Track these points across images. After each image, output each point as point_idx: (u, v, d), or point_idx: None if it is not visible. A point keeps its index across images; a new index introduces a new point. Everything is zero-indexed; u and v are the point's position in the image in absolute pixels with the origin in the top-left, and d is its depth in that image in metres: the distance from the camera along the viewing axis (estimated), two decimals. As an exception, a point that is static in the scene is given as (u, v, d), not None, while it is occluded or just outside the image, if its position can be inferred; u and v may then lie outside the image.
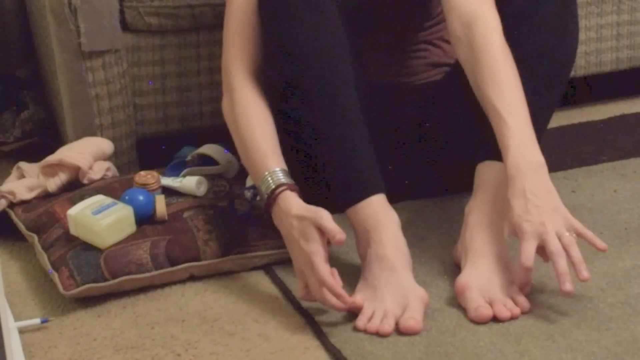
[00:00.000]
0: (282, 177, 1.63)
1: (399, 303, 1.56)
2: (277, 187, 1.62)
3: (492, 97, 1.62)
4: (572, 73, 2.39)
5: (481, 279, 1.59)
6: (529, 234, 1.54)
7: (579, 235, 1.56)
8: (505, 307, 1.56)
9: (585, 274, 1.53)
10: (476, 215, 1.66)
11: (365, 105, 1.73)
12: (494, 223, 1.65)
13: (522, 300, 1.58)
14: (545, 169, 1.58)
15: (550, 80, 1.75)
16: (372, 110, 1.81)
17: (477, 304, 1.56)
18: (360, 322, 1.55)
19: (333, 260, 1.76)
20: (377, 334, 1.53)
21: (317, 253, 1.55)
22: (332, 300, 1.54)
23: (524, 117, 1.61)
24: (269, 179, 1.63)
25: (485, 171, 1.70)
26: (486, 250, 1.62)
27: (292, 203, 1.60)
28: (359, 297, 1.58)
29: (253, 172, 1.68)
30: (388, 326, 1.53)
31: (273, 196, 1.62)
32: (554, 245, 1.52)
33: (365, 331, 1.54)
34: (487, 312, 1.55)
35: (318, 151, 1.68)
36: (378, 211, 1.64)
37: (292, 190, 1.62)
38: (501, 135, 1.60)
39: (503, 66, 1.64)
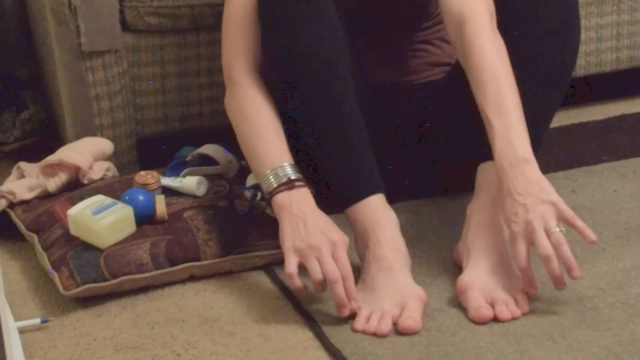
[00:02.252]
0: (298, 172, 1.63)
1: (397, 303, 1.56)
2: (298, 179, 1.62)
3: (479, 99, 1.63)
4: (572, 73, 2.40)
5: (483, 279, 1.59)
6: (517, 235, 1.55)
7: (570, 225, 1.56)
8: (507, 308, 1.55)
9: (575, 272, 1.54)
10: (478, 215, 1.66)
11: (365, 105, 1.73)
12: (497, 223, 1.65)
13: (524, 301, 1.57)
14: (530, 162, 1.57)
15: (552, 80, 1.75)
16: (372, 110, 1.81)
17: (478, 304, 1.55)
18: (358, 323, 1.55)
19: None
20: (375, 335, 1.53)
21: (344, 242, 1.57)
22: (340, 292, 1.54)
23: (509, 116, 1.60)
24: (288, 169, 1.63)
25: (487, 171, 1.70)
26: (488, 251, 1.62)
27: (313, 203, 1.62)
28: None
29: (262, 164, 1.66)
30: (385, 327, 1.53)
31: (290, 184, 1.61)
32: (543, 248, 1.53)
33: (363, 332, 1.54)
34: (487, 312, 1.55)
35: (317, 151, 1.68)
36: (376, 211, 1.64)
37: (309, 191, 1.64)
38: (489, 137, 1.61)
39: (489, 67, 1.63)
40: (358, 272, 1.66)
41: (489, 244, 1.62)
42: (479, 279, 1.58)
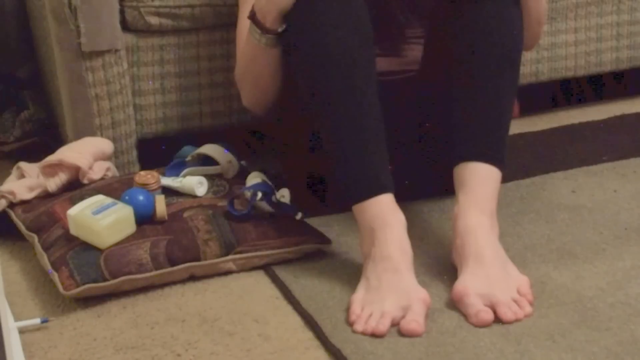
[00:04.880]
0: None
1: (400, 305, 1.55)
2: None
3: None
4: (572, 73, 2.40)
5: (478, 283, 1.57)
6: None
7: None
8: (510, 309, 1.55)
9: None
10: (462, 221, 1.65)
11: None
12: (482, 225, 1.64)
13: (525, 303, 1.57)
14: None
15: (504, 68, 1.75)
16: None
17: (477, 308, 1.54)
18: (358, 325, 1.54)
19: (333, 259, 1.76)
20: (373, 335, 1.52)
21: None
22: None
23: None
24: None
25: (461, 174, 1.70)
26: (479, 255, 1.60)
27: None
28: (359, 297, 1.58)
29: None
30: (382, 326, 1.52)
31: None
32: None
33: (362, 333, 1.53)
34: (487, 315, 1.53)
35: (333, 144, 1.68)
36: (385, 210, 1.64)
37: None
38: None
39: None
40: (358, 270, 1.66)
41: (478, 248, 1.61)
42: (474, 285, 1.57)
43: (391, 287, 1.57)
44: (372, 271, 1.61)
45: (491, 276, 1.58)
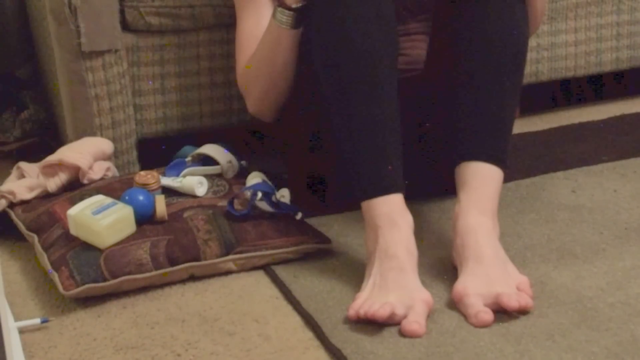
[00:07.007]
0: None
1: (403, 303, 1.55)
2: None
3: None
4: (572, 73, 2.40)
5: (478, 283, 1.57)
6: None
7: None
8: (513, 298, 1.53)
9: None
10: (463, 221, 1.65)
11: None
12: (483, 225, 1.64)
13: (526, 297, 1.56)
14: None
15: (506, 67, 1.75)
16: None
17: (477, 309, 1.54)
18: (352, 309, 1.54)
19: (333, 259, 1.76)
20: (374, 318, 1.52)
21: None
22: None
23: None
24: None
25: (462, 174, 1.70)
26: (479, 256, 1.60)
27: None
28: (364, 295, 1.58)
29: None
30: (383, 311, 1.51)
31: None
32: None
33: (363, 315, 1.52)
34: (487, 316, 1.53)
35: (346, 138, 1.67)
36: (395, 210, 1.63)
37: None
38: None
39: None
40: (358, 269, 1.66)
41: (478, 249, 1.61)
42: (474, 285, 1.57)
43: (395, 286, 1.57)
44: (376, 270, 1.60)
45: (491, 276, 1.58)
